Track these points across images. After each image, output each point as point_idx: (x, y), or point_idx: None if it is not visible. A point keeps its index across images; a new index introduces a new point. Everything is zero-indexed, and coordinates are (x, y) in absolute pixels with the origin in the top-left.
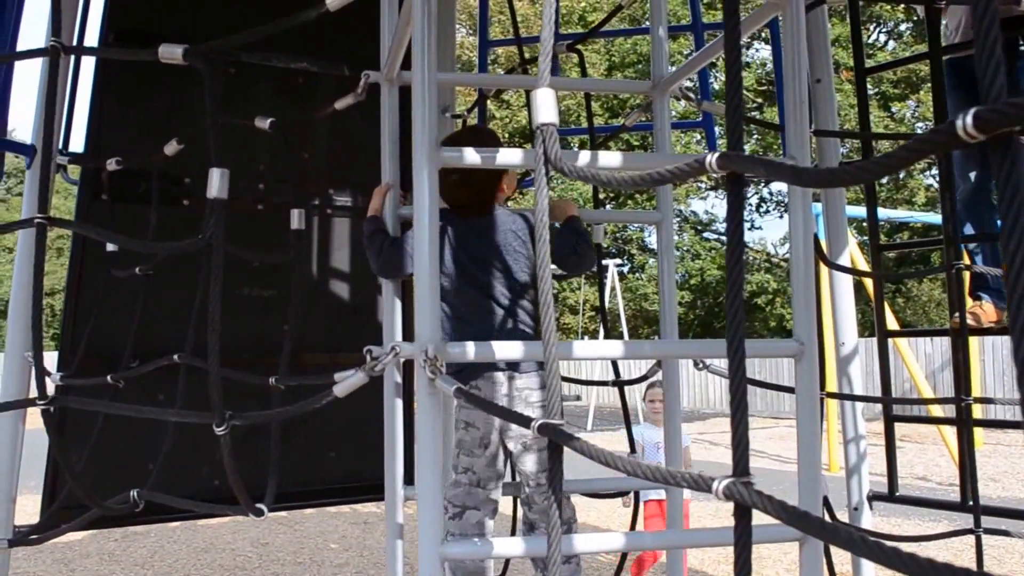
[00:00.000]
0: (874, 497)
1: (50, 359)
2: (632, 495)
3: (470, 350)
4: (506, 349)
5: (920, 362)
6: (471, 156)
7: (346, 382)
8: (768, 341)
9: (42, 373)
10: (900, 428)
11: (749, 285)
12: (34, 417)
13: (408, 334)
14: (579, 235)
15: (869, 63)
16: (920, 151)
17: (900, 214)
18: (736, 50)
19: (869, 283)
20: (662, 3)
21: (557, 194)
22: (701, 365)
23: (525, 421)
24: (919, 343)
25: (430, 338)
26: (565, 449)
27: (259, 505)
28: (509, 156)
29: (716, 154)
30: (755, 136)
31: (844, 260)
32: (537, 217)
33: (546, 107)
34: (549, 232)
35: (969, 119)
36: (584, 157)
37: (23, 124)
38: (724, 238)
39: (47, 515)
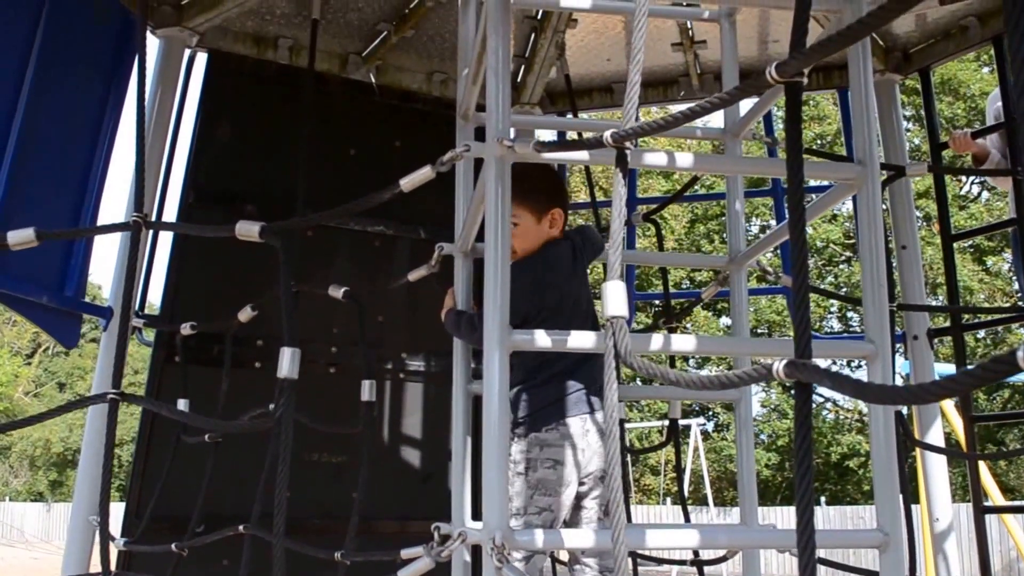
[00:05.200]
0: None
1: (116, 511)
2: None
3: (538, 538)
4: (574, 538)
5: None
6: (542, 339)
7: (411, 568)
8: (848, 532)
9: (106, 546)
10: None
11: (840, 447)
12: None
13: (477, 508)
14: None
15: (960, 216)
16: (983, 378)
17: None
18: (803, 261)
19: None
20: (739, 180)
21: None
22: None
23: None
24: None
25: (498, 525)
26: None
27: None
28: (580, 340)
29: (783, 361)
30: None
31: (936, 430)
32: (607, 412)
33: (615, 300)
34: None
35: None
36: (657, 341)
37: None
38: (816, 396)
39: None
